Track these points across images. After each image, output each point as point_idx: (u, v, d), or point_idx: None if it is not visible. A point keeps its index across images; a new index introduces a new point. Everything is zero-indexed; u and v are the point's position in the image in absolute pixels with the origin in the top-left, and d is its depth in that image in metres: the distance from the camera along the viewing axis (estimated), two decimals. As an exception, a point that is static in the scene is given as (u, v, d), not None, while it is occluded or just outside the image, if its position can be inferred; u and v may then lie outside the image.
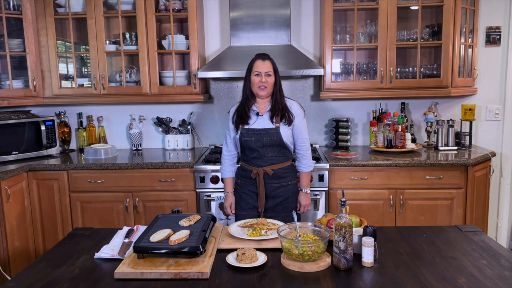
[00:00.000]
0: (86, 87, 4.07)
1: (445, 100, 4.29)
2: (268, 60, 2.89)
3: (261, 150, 2.90)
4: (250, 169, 2.96)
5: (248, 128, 2.92)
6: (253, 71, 2.87)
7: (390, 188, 3.64)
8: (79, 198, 3.77)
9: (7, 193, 3.40)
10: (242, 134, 2.92)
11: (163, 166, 3.69)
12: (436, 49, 4.09)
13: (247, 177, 2.99)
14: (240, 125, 2.93)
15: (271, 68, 2.87)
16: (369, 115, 4.33)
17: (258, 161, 2.93)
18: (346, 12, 4.09)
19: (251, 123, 2.92)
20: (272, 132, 2.88)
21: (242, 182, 3.04)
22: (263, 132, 2.89)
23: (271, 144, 2.89)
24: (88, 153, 4.01)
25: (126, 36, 4.04)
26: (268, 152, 2.91)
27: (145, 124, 4.41)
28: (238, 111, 2.97)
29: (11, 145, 3.82)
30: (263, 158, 2.92)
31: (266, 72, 2.84)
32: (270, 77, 2.86)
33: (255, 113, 2.94)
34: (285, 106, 2.92)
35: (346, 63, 4.14)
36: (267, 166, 2.92)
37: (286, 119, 2.90)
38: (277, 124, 2.90)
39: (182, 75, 4.05)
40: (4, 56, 3.87)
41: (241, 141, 2.94)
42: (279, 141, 2.89)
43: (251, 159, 2.96)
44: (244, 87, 2.96)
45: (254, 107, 2.96)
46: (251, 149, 2.92)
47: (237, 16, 3.96)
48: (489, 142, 4.31)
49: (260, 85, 2.85)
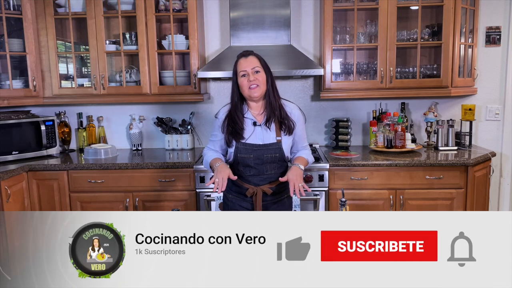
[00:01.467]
0: (86, 87, 4.07)
1: (445, 100, 4.29)
2: (253, 55, 2.54)
3: (260, 167, 2.56)
4: (246, 186, 2.58)
5: (245, 143, 2.55)
6: (239, 73, 2.52)
7: (390, 188, 3.64)
8: (79, 198, 3.77)
9: (7, 193, 3.40)
10: (239, 149, 2.55)
11: (163, 166, 3.69)
12: (436, 49, 4.09)
13: (241, 193, 2.62)
14: (233, 139, 2.56)
15: (258, 63, 2.51)
16: (369, 115, 4.33)
17: (255, 179, 2.58)
18: (346, 12, 4.09)
19: (248, 136, 2.55)
20: (273, 148, 2.54)
21: (233, 197, 2.65)
22: (263, 148, 2.54)
23: (272, 161, 2.56)
24: (88, 153, 4.01)
25: (126, 36, 4.03)
26: (267, 169, 2.57)
27: (145, 124, 4.41)
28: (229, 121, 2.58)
29: (11, 145, 3.82)
30: (262, 176, 2.58)
31: (252, 69, 2.48)
32: (259, 73, 2.49)
33: (251, 122, 2.57)
34: (282, 109, 2.57)
35: (346, 63, 4.14)
36: (266, 184, 2.58)
37: (286, 128, 2.56)
38: (278, 138, 2.55)
39: (182, 75, 4.05)
40: (4, 56, 3.87)
41: (237, 157, 2.57)
42: (281, 157, 2.57)
43: (247, 177, 2.59)
44: (232, 94, 2.59)
45: (249, 114, 2.60)
46: (248, 166, 2.57)
47: (237, 16, 3.96)
48: (489, 142, 4.31)
49: (249, 85, 2.48)
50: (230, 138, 2.56)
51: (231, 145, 2.58)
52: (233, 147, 2.57)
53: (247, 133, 2.55)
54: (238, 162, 2.58)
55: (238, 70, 2.53)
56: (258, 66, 2.50)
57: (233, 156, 2.60)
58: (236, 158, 2.57)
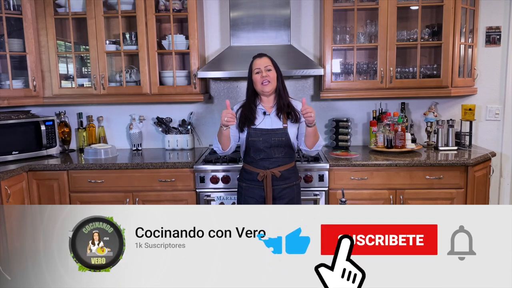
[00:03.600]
0: (86, 87, 4.07)
1: (445, 100, 4.29)
2: (266, 56, 2.91)
3: (268, 150, 2.88)
4: (256, 171, 2.91)
5: (256, 128, 2.89)
6: (253, 70, 2.87)
7: (390, 188, 3.64)
8: (79, 198, 3.76)
9: (7, 193, 3.39)
10: (250, 134, 2.88)
11: (163, 166, 3.69)
12: (436, 49, 4.09)
13: (253, 179, 2.93)
14: (246, 125, 2.89)
15: (270, 63, 2.87)
16: (369, 115, 4.33)
17: (265, 163, 2.90)
18: (346, 12, 4.09)
19: (258, 123, 2.89)
20: (280, 132, 2.87)
21: (247, 185, 2.98)
22: (271, 133, 2.87)
23: (279, 144, 2.87)
24: (88, 153, 4.01)
25: (126, 36, 4.04)
26: (275, 153, 2.89)
27: (145, 124, 4.41)
28: (243, 110, 2.93)
29: (11, 145, 3.82)
30: (270, 159, 2.89)
31: (265, 67, 2.84)
32: (271, 71, 2.85)
33: (262, 112, 2.92)
34: (290, 103, 2.91)
35: (346, 63, 4.14)
36: (274, 168, 2.90)
37: (293, 117, 2.88)
38: (285, 125, 2.88)
39: (182, 75, 4.05)
40: (4, 56, 3.87)
41: (248, 141, 2.90)
42: (287, 141, 2.88)
43: (257, 161, 2.91)
44: (248, 89, 2.95)
45: (261, 106, 2.94)
46: (258, 149, 2.88)
47: (237, 16, 3.97)
48: (489, 142, 4.31)
49: (262, 80, 2.83)
50: (243, 123, 2.89)
51: (244, 130, 2.90)
52: (245, 132, 2.90)
53: (258, 121, 2.90)
54: (250, 147, 2.91)
55: (253, 68, 2.89)
56: (270, 65, 2.87)
57: (245, 141, 2.92)
58: (248, 143, 2.91)
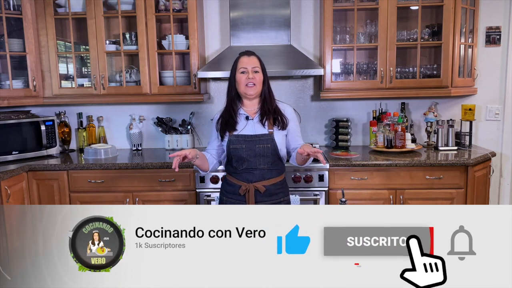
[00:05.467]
0: (86, 87, 4.07)
1: (445, 100, 4.29)
2: (254, 56, 2.65)
3: (253, 160, 2.58)
4: (238, 184, 2.63)
5: (238, 134, 2.61)
6: (238, 69, 2.61)
7: (390, 188, 3.64)
8: (79, 198, 3.76)
9: (7, 193, 3.39)
10: (231, 141, 2.61)
11: (163, 166, 3.69)
12: (436, 49, 4.09)
13: (234, 193, 2.64)
14: (226, 131, 2.63)
15: (258, 64, 2.61)
16: (369, 115, 4.33)
17: (248, 176, 2.60)
18: (346, 12, 4.09)
19: (240, 129, 2.62)
20: (265, 138, 2.59)
21: (228, 199, 2.69)
22: (255, 139, 2.59)
23: (264, 153, 2.59)
24: (88, 153, 4.01)
25: (126, 36, 4.04)
26: (260, 163, 2.59)
27: (145, 124, 4.41)
28: (223, 116, 2.67)
29: (11, 145, 3.82)
30: (254, 171, 2.59)
31: (253, 68, 2.58)
32: (257, 73, 2.59)
33: (244, 117, 2.65)
34: (277, 108, 2.66)
35: (346, 63, 4.14)
36: (258, 181, 2.60)
37: (279, 123, 2.62)
38: (270, 130, 2.61)
39: (182, 75, 4.05)
40: (4, 56, 3.87)
41: (229, 150, 2.62)
42: (273, 149, 2.60)
43: (240, 173, 2.62)
44: (229, 88, 2.67)
45: (242, 110, 2.67)
46: (241, 158, 2.60)
47: (237, 16, 3.97)
48: (489, 142, 4.31)
49: (247, 82, 2.57)
50: (223, 130, 2.64)
51: (224, 138, 2.64)
52: (225, 141, 2.64)
53: (240, 126, 2.64)
54: (232, 156, 2.63)
55: (238, 66, 2.63)
56: (258, 67, 2.61)
57: (226, 149, 2.65)
58: (229, 151, 2.62)
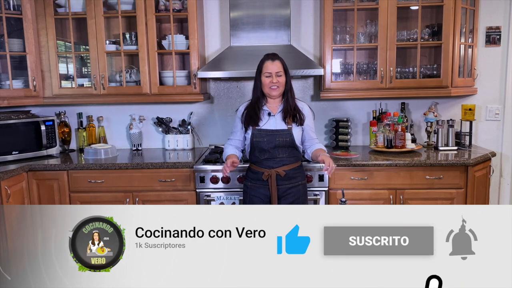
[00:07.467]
0: (86, 87, 4.07)
1: (445, 100, 4.29)
2: (278, 60, 2.91)
3: (273, 151, 2.91)
4: (261, 171, 2.96)
5: (260, 128, 2.93)
6: (263, 73, 2.89)
7: (390, 188, 3.64)
8: (79, 198, 3.76)
9: (7, 193, 3.39)
10: (254, 134, 2.93)
11: (163, 166, 3.69)
12: (436, 49, 4.09)
13: (258, 179, 2.98)
14: (250, 125, 2.94)
15: (281, 68, 2.89)
16: (369, 115, 4.33)
17: (269, 163, 2.94)
18: (346, 12, 4.09)
19: (262, 124, 2.94)
20: (284, 133, 2.91)
21: (252, 185, 3.02)
22: (275, 133, 2.91)
23: (283, 145, 2.91)
24: (88, 153, 4.01)
25: (126, 36, 4.04)
26: (279, 153, 2.92)
27: (145, 124, 4.41)
28: (248, 110, 2.98)
29: (11, 145, 3.82)
30: (275, 159, 2.93)
31: (276, 73, 2.87)
32: (281, 77, 2.88)
33: (267, 113, 2.96)
34: (296, 106, 2.96)
35: (346, 63, 4.14)
36: (279, 167, 2.93)
37: (297, 120, 2.93)
38: (289, 126, 2.92)
39: (182, 75, 4.05)
40: (4, 56, 3.87)
41: (253, 142, 2.94)
42: (291, 142, 2.92)
43: (262, 161, 2.96)
44: (255, 88, 2.97)
45: (265, 107, 2.98)
46: (262, 150, 2.93)
47: (237, 16, 3.97)
48: (489, 142, 4.31)
49: (271, 85, 2.88)
50: (247, 124, 2.95)
51: (248, 131, 2.96)
52: (249, 134, 2.95)
53: (263, 122, 2.95)
54: (254, 147, 2.95)
55: (263, 70, 2.91)
56: (281, 71, 2.89)
57: (249, 142, 2.96)
58: (252, 143, 2.95)
